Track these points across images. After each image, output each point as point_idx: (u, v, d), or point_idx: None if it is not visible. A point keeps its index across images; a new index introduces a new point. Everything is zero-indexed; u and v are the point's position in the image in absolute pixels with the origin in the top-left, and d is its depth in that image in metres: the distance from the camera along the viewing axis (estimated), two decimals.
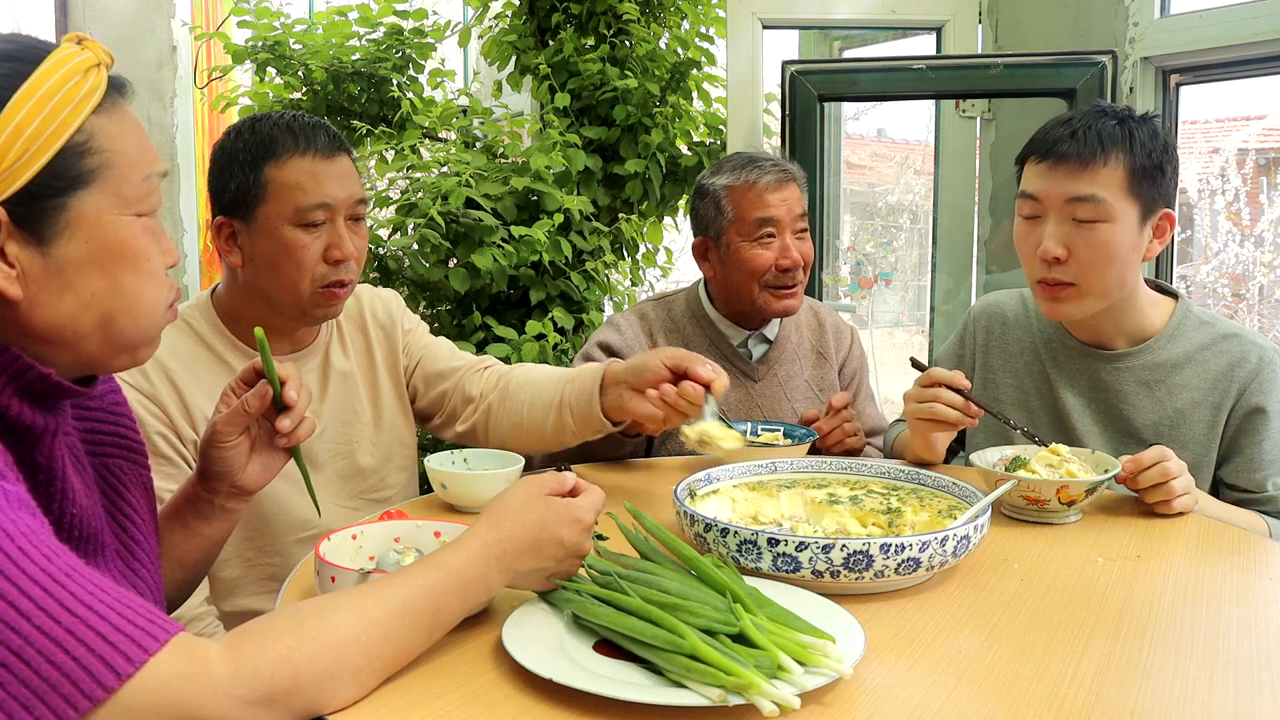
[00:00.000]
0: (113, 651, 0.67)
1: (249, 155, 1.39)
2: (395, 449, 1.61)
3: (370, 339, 1.62)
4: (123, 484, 0.98)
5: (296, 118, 1.42)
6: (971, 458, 1.40)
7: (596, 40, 3.24)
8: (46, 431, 0.84)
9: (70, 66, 0.78)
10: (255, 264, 1.42)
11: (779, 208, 1.81)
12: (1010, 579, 1.08)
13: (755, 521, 1.20)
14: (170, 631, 0.70)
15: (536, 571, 0.91)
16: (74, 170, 0.78)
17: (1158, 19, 2.43)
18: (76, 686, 0.65)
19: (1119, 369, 1.52)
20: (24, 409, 0.81)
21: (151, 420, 1.38)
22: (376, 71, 3.25)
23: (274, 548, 1.48)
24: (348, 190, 1.42)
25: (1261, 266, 4.57)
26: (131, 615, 0.69)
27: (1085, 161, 1.40)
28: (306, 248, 1.39)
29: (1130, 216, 1.42)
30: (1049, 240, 1.44)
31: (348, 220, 1.43)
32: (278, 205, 1.38)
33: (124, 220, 0.81)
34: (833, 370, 1.97)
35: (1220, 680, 0.84)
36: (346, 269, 1.43)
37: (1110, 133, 1.41)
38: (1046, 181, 1.44)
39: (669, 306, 1.95)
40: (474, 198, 2.88)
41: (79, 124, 0.78)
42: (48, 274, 0.78)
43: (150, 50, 3.83)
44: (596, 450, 1.66)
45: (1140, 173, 1.41)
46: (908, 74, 2.51)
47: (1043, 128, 1.49)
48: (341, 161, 1.42)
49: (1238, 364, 1.46)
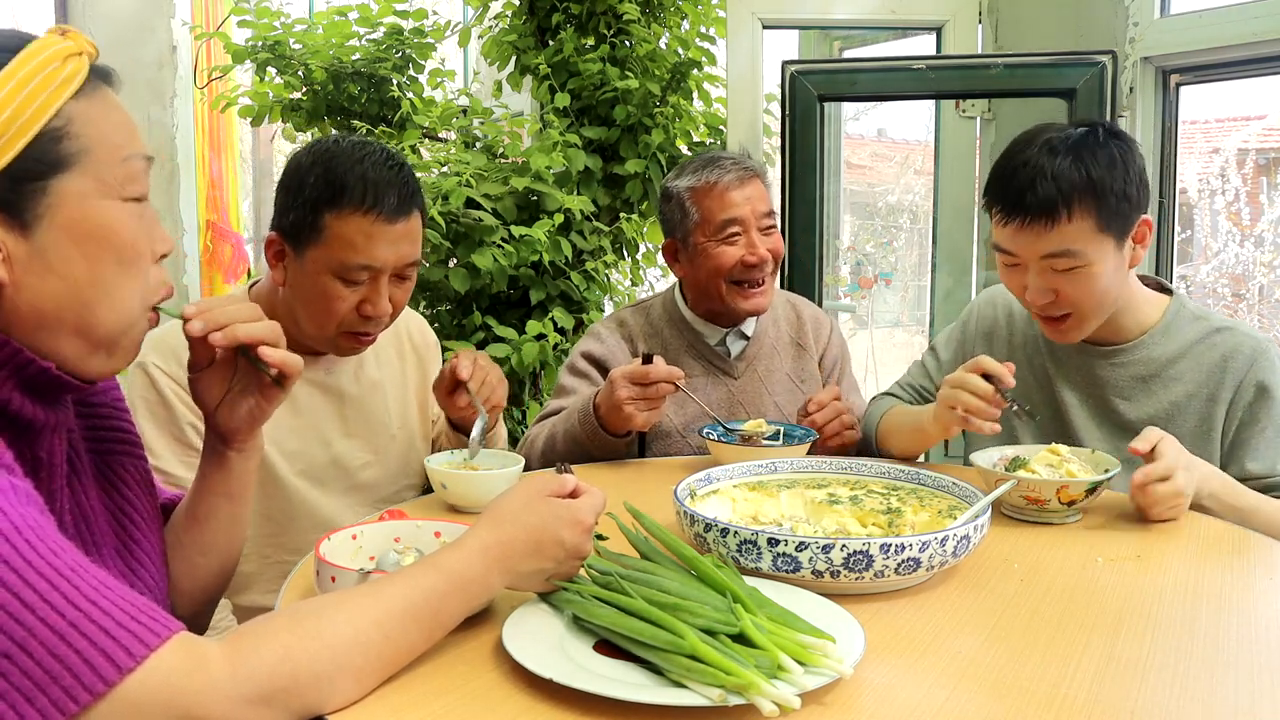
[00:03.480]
0: (114, 646, 0.67)
1: (315, 192, 1.35)
2: (414, 465, 1.63)
3: (404, 357, 1.63)
4: (123, 481, 0.98)
5: (377, 163, 1.36)
6: (971, 457, 1.40)
7: (596, 40, 3.24)
8: (47, 427, 0.84)
9: (48, 54, 0.79)
10: (293, 290, 1.42)
11: (743, 206, 1.81)
12: (1010, 579, 1.08)
13: (755, 521, 1.20)
14: (171, 629, 0.70)
15: (537, 573, 0.91)
16: (52, 154, 0.78)
17: (1158, 19, 2.43)
18: (77, 679, 0.65)
19: (1114, 364, 1.54)
20: (25, 403, 0.81)
21: (184, 410, 1.37)
22: (376, 71, 3.25)
23: (295, 545, 1.49)
24: (399, 255, 1.39)
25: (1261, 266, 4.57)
26: (134, 612, 0.69)
27: (1050, 219, 1.38)
28: (342, 299, 1.38)
29: (1107, 250, 1.41)
30: (1033, 292, 1.44)
31: (393, 278, 1.41)
32: (326, 254, 1.36)
33: (107, 204, 0.81)
34: (813, 361, 1.98)
35: (1220, 680, 0.84)
36: (376, 324, 1.42)
37: (1067, 178, 1.37)
38: (1016, 242, 1.42)
39: (647, 311, 1.97)
40: (474, 198, 2.88)
41: (56, 108, 0.78)
42: (31, 257, 0.78)
43: (150, 50, 3.83)
44: (593, 454, 1.68)
45: (1108, 211, 1.39)
46: (908, 74, 2.51)
47: (997, 169, 1.45)
48: (404, 224, 1.38)
49: (1231, 355, 1.47)
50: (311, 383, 1.49)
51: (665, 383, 1.59)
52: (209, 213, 4.24)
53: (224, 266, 4.32)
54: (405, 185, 1.38)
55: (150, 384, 1.38)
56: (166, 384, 1.37)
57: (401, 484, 1.61)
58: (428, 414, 1.66)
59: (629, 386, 1.59)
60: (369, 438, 1.55)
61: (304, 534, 1.48)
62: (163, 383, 1.37)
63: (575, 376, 1.89)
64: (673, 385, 1.60)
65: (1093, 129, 1.42)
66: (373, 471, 1.56)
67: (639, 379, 1.59)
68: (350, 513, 1.53)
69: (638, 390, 1.59)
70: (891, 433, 1.66)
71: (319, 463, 1.51)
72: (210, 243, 4.24)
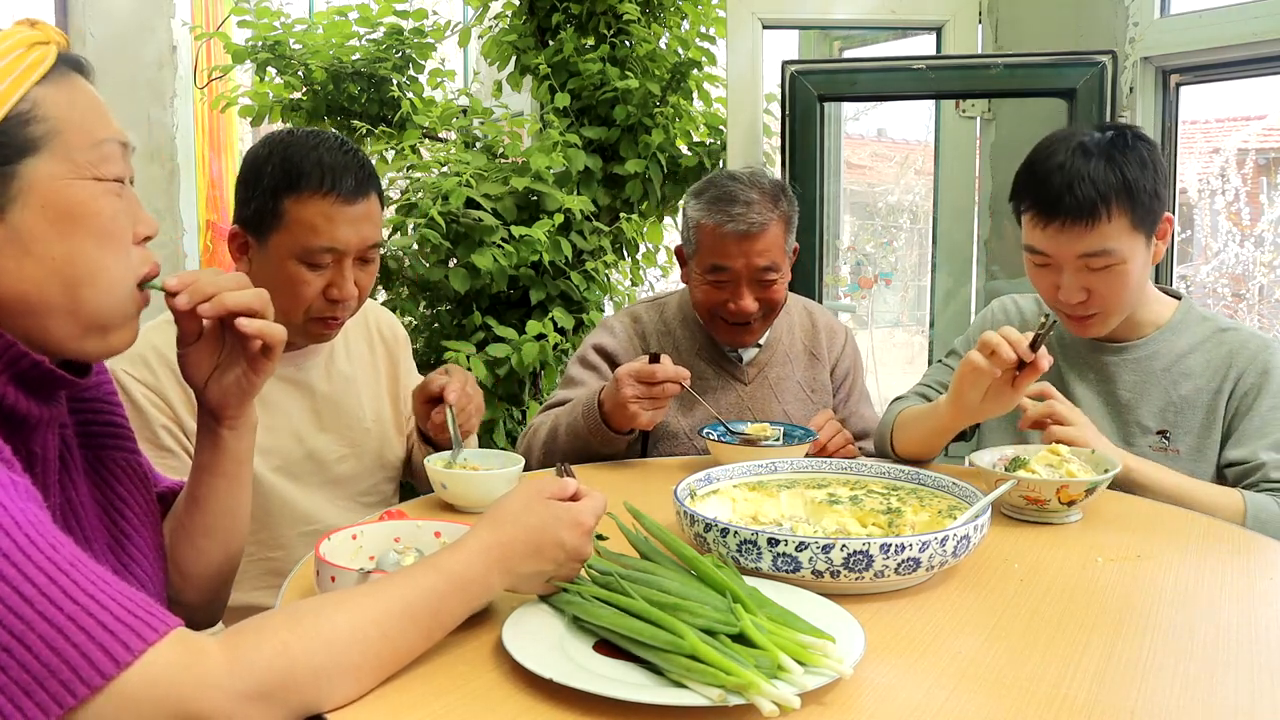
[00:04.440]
0: (112, 640, 0.67)
1: (273, 181, 1.38)
2: (389, 459, 1.64)
3: (374, 350, 1.65)
4: (115, 476, 0.98)
5: (331, 148, 1.39)
6: (971, 457, 1.40)
7: (596, 40, 3.24)
8: (42, 422, 0.85)
9: (12, 42, 0.80)
10: (258, 281, 1.41)
11: (738, 259, 1.74)
12: (1010, 579, 1.08)
13: (755, 521, 1.20)
14: (170, 624, 0.71)
15: (537, 574, 0.91)
16: (20, 138, 0.79)
17: (1158, 19, 2.43)
18: (75, 673, 0.65)
19: (1126, 360, 1.59)
20: (20, 398, 0.81)
21: (155, 413, 1.38)
22: (376, 71, 3.25)
23: (276, 541, 1.49)
24: (361, 236, 1.40)
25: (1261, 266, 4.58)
26: (131, 607, 0.69)
27: (1090, 222, 1.43)
28: (307, 284, 1.39)
29: (1139, 247, 1.47)
30: (1067, 291, 1.49)
31: (356, 260, 1.42)
32: (288, 239, 1.38)
33: (79, 184, 0.82)
34: (825, 371, 1.97)
35: (1220, 680, 0.84)
36: (343, 307, 1.43)
37: (1104, 180, 1.43)
38: (1054, 243, 1.47)
39: (662, 308, 1.96)
40: (474, 198, 2.88)
41: (21, 93, 0.79)
42: (6, 241, 0.79)
43: (150, 50, 3.83)
44: (595, 450, 1.67)
45: (1141, 210, 1.45)
46: (908, 74, 2.51)
47: (1033, 169, 1.50)
48: (363, 205, 1.40)
49: (1238, 350, 1.54)
50: (283, 379, 1.50)
51: (671, 383, 1.59)
52: (209, 213, 4.24)
53: (224, 266, 4.32)
54: (362, 168, 1.40)
55: (121, 391, 1.39)
56: (137, 389, 1.38)
57: (379, 476, 1.62)
58: (400, 407, 1.67)
59: (634, 385, 1.58)
60: (343, 431, 1.56)
61: (284, 529, 1.49)
62: (133, 388, 1.38)
63: (585, 368, 1.88)
64: (679, 385, 1.60)
65: (1119, 132, 1.48)
66: (349, 465, 1.57)
67: (645, 378, 1.58)
68: (330, 506, 1.54)
69: (643, 389, 1.58)
70: (906, 427, 1.64)
71: (294, 458, 1.52)
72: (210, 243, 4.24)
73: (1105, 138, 1.47)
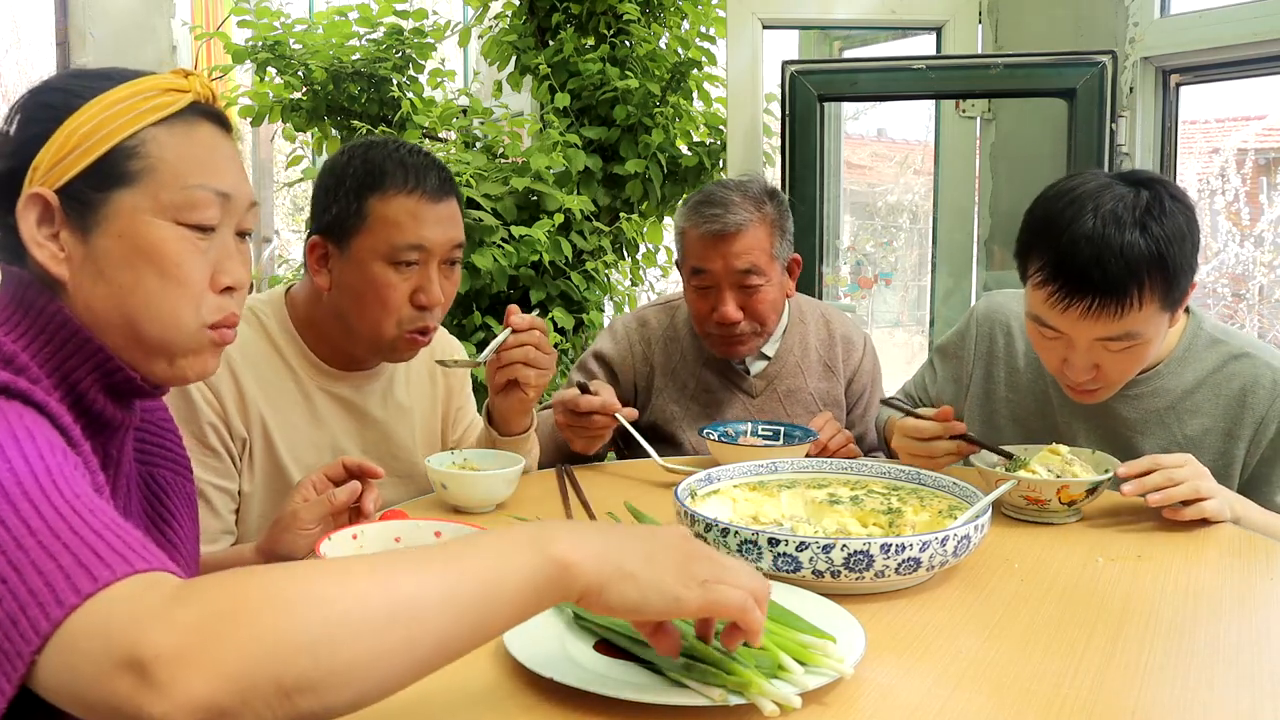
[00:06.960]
0: (99, 563, 0.61)
1: (355, 182, 1.35)
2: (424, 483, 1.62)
3: (435, 380, 1.61)
4: (165, 492, 1.00)
5: (412, 151, 1.38)
6: (971, 458, 1.40)
7: (596, 40, 3.24)
8: (122, 427, 0.89)
9: (148, 83, 0.85)
10: (341, 291, 1.39)
11: (714, 262, 1.70)
12: (1010, 579, 1.08)
13: (755, 521, 1.20)
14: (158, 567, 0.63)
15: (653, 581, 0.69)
16: (119, 170, 0.83)
17: (1158, 19, 2.43)
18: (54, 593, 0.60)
19: (1128, 398, 1.45)
20: (107, 404, 0.86)
21: (205, 409, 1.34)
22: (376, 71, 3.25)
23: None
24: (447, 235, 1.38)
25: (1261, 266, 4.57)
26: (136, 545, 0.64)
27: (1120, 305, 1.25)
28: (394, 287, 1.36)
29: (1162, 324, 1.32)
30: (1076, 370, 1.34)
31: (442, 264, 1.39)
32: (373, 239, 1.35)
33: (158, 223, 0.84)
34: (839, 384, 1.91)
35: (1220, 680, 0.84)
36: (432, 315, 1.39)
37: (1136, 254, 1.23)
38: (1070, 324, 1.30)
39: (673, 313, 1.91)
40: (474, 198, 2.88)
41: (135, 130, 0.83)
42: (86, 260, 0.84)
43: (150, 50, 3.82)
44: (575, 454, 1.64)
45: (1174, 289, 1.27)
46: (908, 74, 2.51)
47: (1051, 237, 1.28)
48: (448, 205, 1.38)
49: (1251, 388, 1.40)
50: (335, 397, 1.47)
51: (600, 414, 1.54)
52: None
53: None
54: (442, 170, 1.40)
55: None
56: None
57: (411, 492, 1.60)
58: (449, 429, 1.64)
59: (564, 413, 1.56)
60: (387, 461, 1.50)
61: None
62: None
63: (582, 374, 1.88)
64: (612, 418, 1.55)
65: (1154, 193, 1.28)
66: (385, 492, 1.54)
67: (571, 407, 1.55)
68: None
69: (573, 418, 1.55)
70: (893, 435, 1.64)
71: None
72: None
73: (1139, 201, 1.26)
